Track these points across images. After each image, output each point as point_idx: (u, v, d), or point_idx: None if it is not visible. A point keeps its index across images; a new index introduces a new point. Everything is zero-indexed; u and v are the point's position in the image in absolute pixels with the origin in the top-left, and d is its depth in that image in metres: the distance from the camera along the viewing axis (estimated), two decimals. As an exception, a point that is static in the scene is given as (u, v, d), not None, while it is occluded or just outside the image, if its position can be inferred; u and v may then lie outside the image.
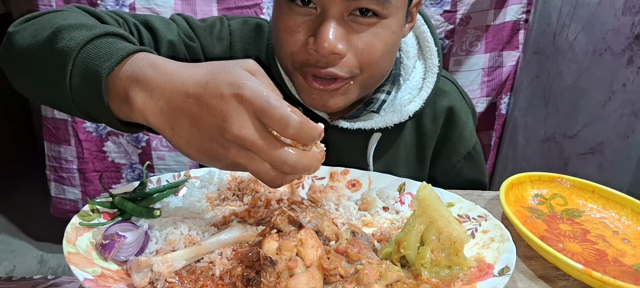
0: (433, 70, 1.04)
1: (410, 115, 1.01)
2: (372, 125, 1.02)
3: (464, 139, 1.12)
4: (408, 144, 1.10)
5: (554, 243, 0.80)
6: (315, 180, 0.93)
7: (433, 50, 1.05)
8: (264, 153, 0.58)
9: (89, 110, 0.70)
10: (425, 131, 1.11)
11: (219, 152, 0.58)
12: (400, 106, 1.02)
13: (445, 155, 1.14)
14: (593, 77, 1.64)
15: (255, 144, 0.57)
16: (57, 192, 2.21)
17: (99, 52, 0.68)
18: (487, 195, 0.95)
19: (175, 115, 0.60)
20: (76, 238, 0.71)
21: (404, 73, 1.05)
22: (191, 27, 1.03)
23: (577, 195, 0.93)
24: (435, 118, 1.10)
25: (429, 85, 1.03)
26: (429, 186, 0.68)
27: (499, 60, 2.17)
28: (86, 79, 0.67)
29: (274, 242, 0.64)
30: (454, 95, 1.12)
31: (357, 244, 0.68)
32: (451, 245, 0.68)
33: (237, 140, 0.57)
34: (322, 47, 0.82)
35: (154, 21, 0.96)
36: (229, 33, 1.06)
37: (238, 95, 0.57)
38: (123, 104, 0.64)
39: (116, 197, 0.78)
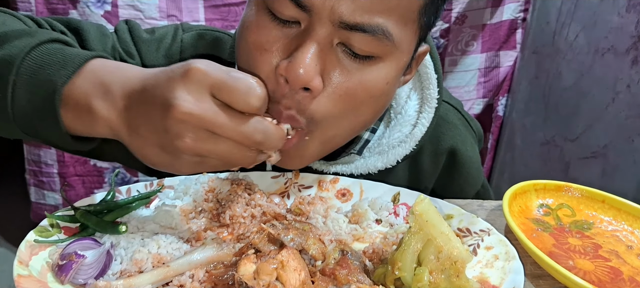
0: (430, 103, 0.86)
1: (399, 159, 0.86)
2: (352, 170, 0.87)
3: (472, 179, 0.97)
4: (400, 184, 0.89)
5: (564, 261, 0.72)
6: (302, 189, 0.85)
7: (432, 77, 0.86)
8: (227, 128, 0.51)
9: (34, 125, 0.61)
10: (423, 170, 0.94)
11: (176, 144, 0.51)
12: (387, 147, 0.87)
13: (450, 197, 0.96)
14: (595, 77, 1.57)
15: (215, 119, 0.50)
16: (37, 197, 2.13)
17: (49, 60, 0.59)
18: (488, 205, 0.88)
19: (133, 113, 0.53)
20: (30, 258, 0.63)
21: (395, 105, 0.89)
22: (134, 40, 0.87)
23: (586, 205, 0.86)
24: (435, 156, 0.94)
25: (424, 122, 0.86)
26: (426, 199, 0.61)
27: (496, 60, 2.11)
28: (35, 89, 0.59)
29: (251, 265, 0.57)
30: (458, 128, 0.95)
31: (346, 265, 0.61)
32: (452, 265, 0.60)
33: (191, 120, 0.50)
34: (294, 74, 0.62)
35: (86, 29, 0.82)
36: (179, 49, 0.89)
37: (188, 70, 0.51)
38: (84, 114, 0.57)
39: (79, 210, 0.70)
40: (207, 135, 0.51)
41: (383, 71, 0.68)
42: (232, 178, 0.82)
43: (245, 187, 0.81)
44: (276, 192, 0.84)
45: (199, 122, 0.50)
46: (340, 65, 0.66)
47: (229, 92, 0.50)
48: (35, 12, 1.85)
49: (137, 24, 0.91)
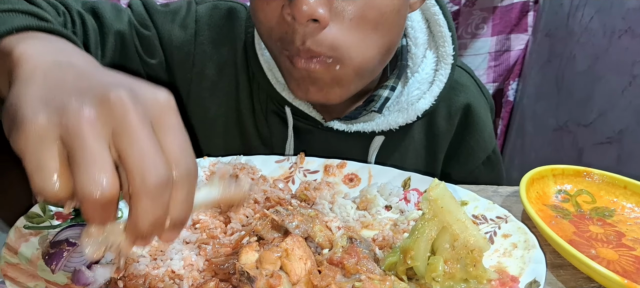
0: (446, 60, 0.88)
1: (419, 114, 0.86)
2: (374, 127, 0.87)
3: (484, 141, 0.97)
4: (417, 147, 0.95)
5: (586, 249, 0.68)
6: (307, 174, 0.82)
7: (446, 35, 0.88)
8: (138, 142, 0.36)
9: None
10: (438, 131, 0.95)
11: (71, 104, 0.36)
12: (407, 104, 0.87)
13: (461, 160, 0.99)
14: (611, 61, 1.51)
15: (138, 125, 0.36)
16: (39, 183, 2.10)
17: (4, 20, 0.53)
18: (503, 191, 0.83)
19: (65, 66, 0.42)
20: (20, 246, 0.59)
21: (411, 64, 0.89)
22: (149, 13, 0.88)
23: (607, 191, 0.82)
24: (450, 116, 0.95)
25: (441, 78, 0.87)
26: (442, 184, 0.57)
27: (507, 43, 2.05)
28: None
29: (253, 253, 0.53)
30: (471, 90, 0.96)
31: (354, 253, 0.57)
32: (468, 254, 0.56)
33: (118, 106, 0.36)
34: (298, 9, 0.65)
35: (103, 9, 0.81)
36: (194, 20, 0.90)
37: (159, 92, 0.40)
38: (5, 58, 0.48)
39: (72, 194, 0.66)
40: (104, 132, 0.36)
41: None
42: (234, 163, 0.78)
43: (248, 171, 0.77)
44: (280, 177, 0.81)
45: (120, 116, 0.36)
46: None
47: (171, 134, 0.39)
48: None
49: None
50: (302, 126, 0.89)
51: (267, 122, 0.92)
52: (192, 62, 0.90)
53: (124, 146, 0.36)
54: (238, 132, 0.94)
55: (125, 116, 0.36)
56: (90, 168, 0.35)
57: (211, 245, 0.61)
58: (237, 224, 0.66)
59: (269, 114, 0.91)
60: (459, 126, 0.96)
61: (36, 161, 0.36)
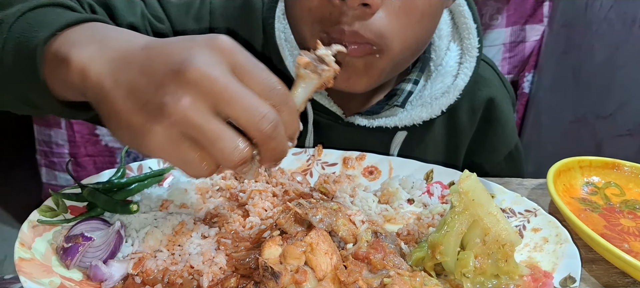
0: (471, 53, 0.85)
1: (443, 109, 0.84)
2: (396, 122, 0.84)
3: (506, 137, 0.94)
4: (438, 142, 0.92)
5: (618, 243, 0.65)
6: (325, 166, 0.79)
7: (471, 28, 0.85)
8: (236, 100, 0.41)
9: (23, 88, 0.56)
10: (460, 127, 0.92)
11: (166, 102, 0.40)
12: (431, 98, 0.84)
13: (482, 156, 0.96)
14: (631, 51, 1.48)
15: (227, 86, 0.41)
16: (49, 178, 2.09)
17: (41, 19, 0.54)
18: (528, 183, 0.81)
19: (126, 62, 0.45)
20: (33, 240, 0.58)
21: (435, 57, 0.87)
22: (162, 6, 0.85)
23: (636, 183, 0.79)
24: (472, 111, 0.92)
25: (466, 72, 0.84)
26: (473, 176, 0.54)
27: (522, 34, 2.01)
28: (21, 47, 0.53)
29: (276, 247, 0.51)
30: (495, 84, 0.93)
31: (380, 248, 0.54)
32: (499, 248, 0.54)
33: (202, 82, 0.40)
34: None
35: (115, 0, 0.79)
36: (209, 12, 0.87)
37: (215, 39, 0.43)
38: (61, 66, 0.50)
39: (86, 188, 0.65)
40: (207, 108, 0.41)
41: None
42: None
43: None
44: (298, 170, 0.78)
45: (209, 87, 0.41)
46: None
47: (249, 76, 0.43)
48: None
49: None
50: (322, 121, 0.86)
51: None
52: None
53: (228, 112, 0.41)
54: None
55: (211, 86, 0.41)
56: (219, 145, 0.41)
57: (231, 239, 0.59)
58: (256, 218, 0.64)
59: None
60: (482, 121, 0.93)
61: (180, 161, 0.43)
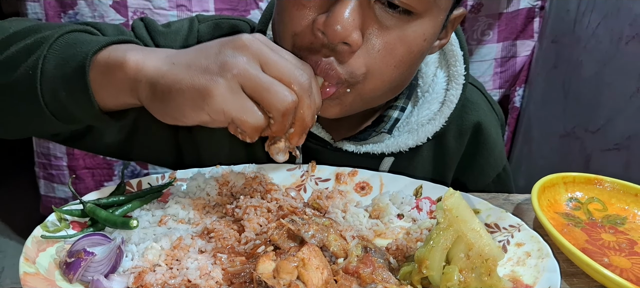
0: (458, 80, 0.86)
1: (429, 136, 0.86)
2: (383, 149, 0.86)
3: (494, 160, 0.96)
4: (426, 166, 0.93)
5: (599, 257, 0.68)
6: (319, 182, 0.82)
7: (458, 55, 0.86)
8: (279, 62, 0.57)
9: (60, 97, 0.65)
10: (448, 151, 0.93)
11: (227, 59, 0.55)
12: (417, 125, 0.86)
13: (471, 178, 0.97)
14: (618, 67, 1.52)
15: (270, 53, 0.57)
16: (47, 190, 2.11)
17: (82, 38, 0.66)
18: (514, 199, 0.84)
19: (178, 54, 0.60)
20: (37, 255, 0.60)
21: (422, 83, 0.88)
22: (150, 34, 0.87)
23: (618, 199, 0.82)
24: (460, 135, 0.93)
25: (453, 99, 0.86)
26: (456, 194, 0.57)
27: (513, 49, 2.06)
28: (66, 60, 0.63)
29: (270, 262, 0.53)
30: (482, 107, 0.94)
31: (370, 262, 0.57)
32: (482, 263, 0.56)
33: (251, 45, 0.57)
34: (332, 29, 0.64)
35: (105, 30, 0.82)
36: (196, 39, 0.89)
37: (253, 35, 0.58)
38: (114, 69, 0.61)
39: (88, 204, 0.67)
40: (258, 65, 0.56)
41: (421, 28, 0.69)
42: (247, 172, 0.79)
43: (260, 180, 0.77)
44: (292, 185, 0.81)
45: (257, 51, 0.56)
46: (379, 22, 0.67)
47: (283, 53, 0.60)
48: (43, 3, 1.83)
49: (152, 19, 0.91)
50: (311, 146, 0.88)
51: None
52: None
53: (273, 70, 0.57)
54: (246, 151, 0.91)
55: (261, 49, 0.57)
56: (274, 89, 0.56)
57: (226, 254, 0.62)
58: (251, 233, 0.66)
59: None
60: (469, 145, 0.94)
61: (241, 109, 0.55)
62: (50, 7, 1.85)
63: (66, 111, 0.66)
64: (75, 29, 0.70)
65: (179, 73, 0.56)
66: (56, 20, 1.86)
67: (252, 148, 0.92)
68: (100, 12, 1.84)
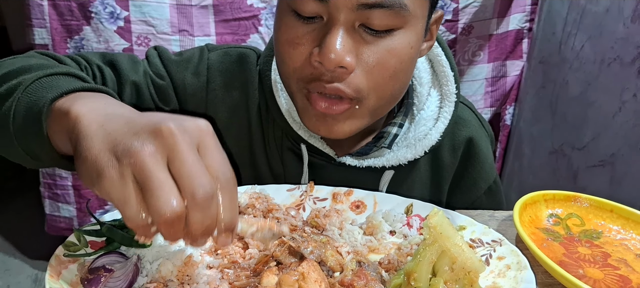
0: (450, 98, 0.94)
1: (426, 150, 0.93)
2: (384, 162, 0.93)
3: (485, 173, 1.03)
4: (423, 179, 1.01)
5: (574, 269, 0.74)
6: (317, 201, 0.88)
7: (449, 75, 0.94)
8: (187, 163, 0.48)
9: (26, 140, 0.68)
10: (443, 164, 1.01)
11: (134, 146, 0.47)
12: (415, 140, 0.93)
13: (463, 190, 1.04)
14: (602, 87, 1.59)
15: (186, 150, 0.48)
16: (52, 209, 2.16)
17: (54, 84, 0.67)
18: (499, 215, 0.90)
19: (117, 116, 0.53)
20: (61, 272, 0.66)
21: (417, 102, 0.96)
22: (163, 63, 0.95)
23: (595, 215, 0.88)
24: (454, 150, 1.01)
25: (446, 115, 0.94)
26: (440, 212, 0.63)
27: (503, 69, 2.13)
28: (32, 104, 0.65)
29: (273, 276, 0.59)
30: (473, 124, 1.02)
31: (363, 276, 0.63)
32: (465, 275, 0.62)
33: (169, 137, 0.48)
34: (327, 58, 0.72)
35: (120, 60, 0.89)
36: (206, 67, 0.96)
37: (195, 120, 0.52)
38: (63, 117, 0.59)
39: (105, 225, 0.73)
40: (163, 161, 0.48)
41: (405, 38, 0.76)
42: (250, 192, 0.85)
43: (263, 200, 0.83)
44: (292, 205, 0.87)
45: (172, 144, 0.48)
46: (367, 42, 0.74)
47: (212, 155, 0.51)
48: (50, 29, 1.90)
49: (165, 49, 0.98)
50: (316, 162, 0.95)
51: (281, 158, 0.97)
52: (205, 106, 0.97)
53: (176, 169, 0.47)
54: (251, 169, 0.99)
55: (175, 144, 0.48)
56: (158, 193, 0.46)
57: (233, 269, 0.68)
58: (254, 250, 0.72)
59: (284, 151, 0.97)
60: (462, 159, 1.02)
61: (122, 199, 0.47)
62: (57, 33, 1.91)
63: (34, 153, 0.70)
64: (65, 72, 0.70)
65: (95, 141, 0.50)
66: (62, 45, 1.93)
67: (259, 175, 0.99)
68: (105, 37, 1.91)
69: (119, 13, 1.89)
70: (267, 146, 0.98)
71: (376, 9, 0.71)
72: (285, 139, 0.97)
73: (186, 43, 1.96)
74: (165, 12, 1.91)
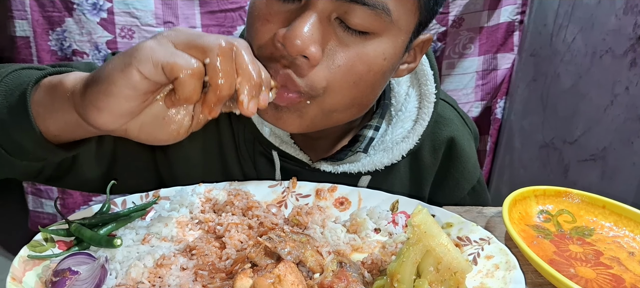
0: (429, 98, 0.89)
1: (403, 154, 0.88)
2: (359, 168, 0.89)
3: (468, 173, 0.98)
4: (403, 181, 0.96)
5: (565, 268, 0.71)
6: (299, 198, 0.85)
7: (428, 74, 0.89)
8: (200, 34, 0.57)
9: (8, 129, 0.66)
10: (423, 166, 0.96)
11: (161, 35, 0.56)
12: (392, 143, 0.89)
13: (446, 192, 1.00)
14: (593, 80, 1.57)
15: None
16: (35, 205, 2.11)
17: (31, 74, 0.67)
18: (487, 212, 0.87)
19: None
20: (24, 274, 0.62)
21: (395, 102, 0.92)
22: None
23: (586, 211, 0.85)
24: (434, 150, 0.96)
25: (425, 117, 0.89)
26: (424, 210, 0.60)
27: (494, 62, 2.10)
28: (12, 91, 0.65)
29: (247, 279, 0.56)
30: (455, 123, 0.97)
31: (344, 277, 0.60)
32: (451, 276, 0.59)
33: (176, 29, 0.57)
34: (291, 42, 0.65)
35: (77, 66, 0.82)
36: None
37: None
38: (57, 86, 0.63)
39: (73, 223, 0.69)
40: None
41: (381, 47, 0.70)
42: (229, 189, 0.81)
43: (242, 197, 0.80)
44: (273, 201, 0.84)
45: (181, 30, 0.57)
46: (338, 38, 0.69)
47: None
48: (31, 21, 1.85)
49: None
50: (289, 167, 0.90)
51: (254, 165, 0.92)
52: None
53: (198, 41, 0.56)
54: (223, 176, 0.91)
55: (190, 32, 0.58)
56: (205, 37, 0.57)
57: (208, 271, 0.64)
58: (232, 250, 0.69)
59: (256, 156, 0.92)
60: (444, 159, 0.97)
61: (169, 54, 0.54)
62: (38, 25, 1.86)
63: (13, 141, 0.67)
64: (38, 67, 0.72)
65: (109, 61, 0.57)
66: (44, 37, 1.88)
67: (227, 166, 0.94)
68: (87, 29, 1.86)
69: (102, 4, 1.84)
70: (239, 150, 0.92)
71: (357, 4, 0.66)
72: (257, 144, 0.92)
73: (171, 35, 1.91)
74: (150, 3, 1.87)
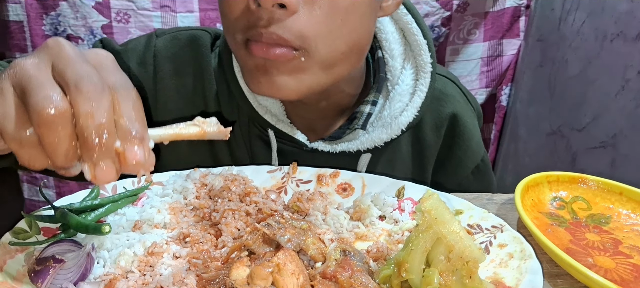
0: (425, 69, 0.86)
1: (403, 128, 0.85)
2: (358, 146, 0.86)
3: (471, 151, 0.95)
4: (405, 160, 0.93)
5: (583, 258, 0.67)
6: (300, 184, 0.80)
7: (422, 44, 0.86)
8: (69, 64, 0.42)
9: None
10: (425, 143, 0.93)
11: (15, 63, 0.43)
12: (390, 118, 0.85)
13: (449, 171, 0.96)
14: (603, 65, 1.52)
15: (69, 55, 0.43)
16: (30, 193, 2.08)
17: None
18: (498, 198, 0.82)
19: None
20: (5, 263, 0.58)
21: (390, 77, 0.88)
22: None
23: (602, 198, 0.81)
24: (436, 127, 0.93)
25: (422, 88, 0.86)
26: (435, 195, 0.56)
27: (499, 48, 2.05)
28: None
29: (244, 268, 0.51)
30: (457, 99, 0.94)
31: (348, 266, 0.55)
32: (463, 265, 0.55)
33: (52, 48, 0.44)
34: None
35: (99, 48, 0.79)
36: (152, 55, 0.88)
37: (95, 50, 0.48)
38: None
39: (59, 209, 0.65)
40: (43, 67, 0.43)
41: None
42: (226, 174, 0.77)
43: (240, 182, 0.76)
44: (273, 187, 0.79)
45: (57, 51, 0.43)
46: None
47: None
48: (24, 4, 1.80)
49: (110, 40, 0.91)
50: (286, 149, 0.87)
51: (249, 148, 0.89)
52: (155, 97, 0.89)
53: (60, 71, 0.42)
54: (212, 161, 0.90)
55: (60, 51, 0.43)
56: (40, 90, 0.40)
57: (202, 260, 0.60)
58: (228, 237, 0.65)
59: (252, 138, 0.89)
60: (446, 136, 0.94)
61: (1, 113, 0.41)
62: (32, 9, 1.81)
63: None
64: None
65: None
66: (38, 22, 1.83)
67: (215, 152, 0.90)
68: (82, 13, 1.82)
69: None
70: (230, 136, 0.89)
71: None
72: (252, 126, 0.88)
73: (168, 20, 1.86)
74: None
